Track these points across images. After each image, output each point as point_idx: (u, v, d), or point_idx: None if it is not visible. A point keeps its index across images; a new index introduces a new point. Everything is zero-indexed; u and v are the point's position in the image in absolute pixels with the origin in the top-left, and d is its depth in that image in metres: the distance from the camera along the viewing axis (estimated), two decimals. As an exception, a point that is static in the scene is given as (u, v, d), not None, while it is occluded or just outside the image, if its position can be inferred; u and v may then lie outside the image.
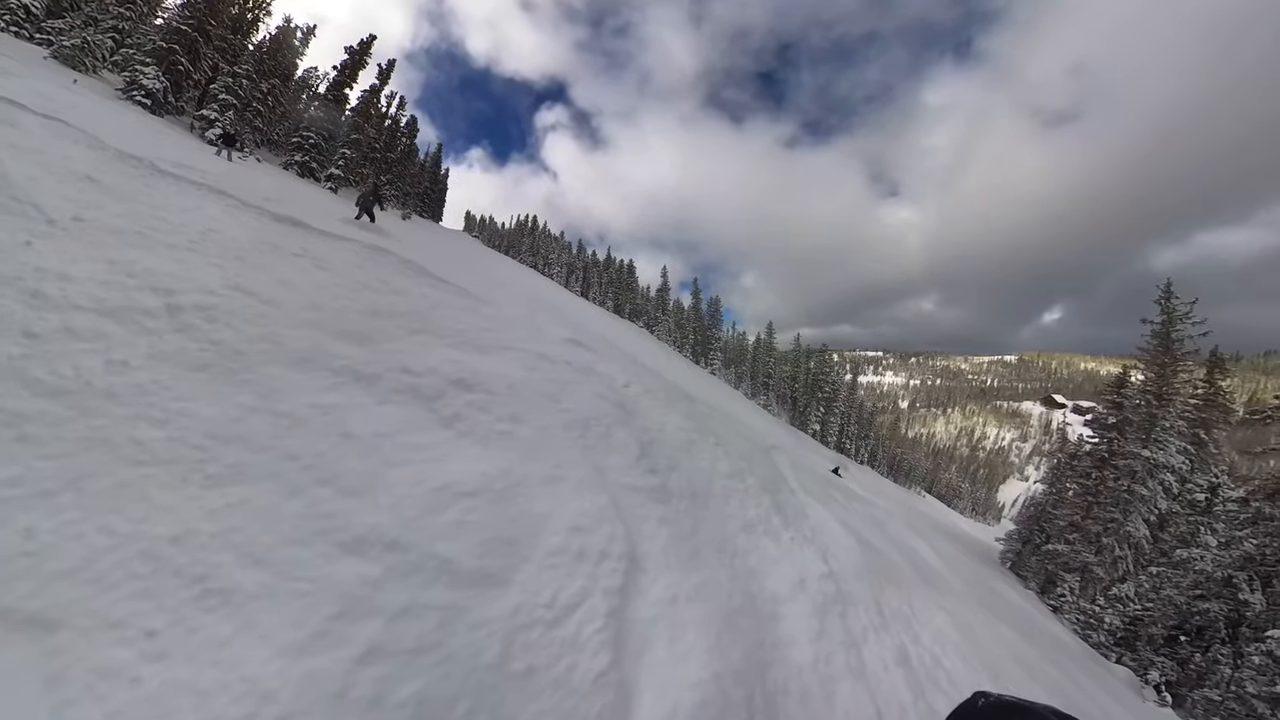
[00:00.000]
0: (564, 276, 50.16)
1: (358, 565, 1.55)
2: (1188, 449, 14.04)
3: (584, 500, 2.43)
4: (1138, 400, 14.62)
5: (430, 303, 4.61)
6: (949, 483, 74.82)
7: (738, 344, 49.57)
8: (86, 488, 1.43)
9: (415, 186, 36.30)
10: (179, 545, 1.37)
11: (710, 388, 27.36)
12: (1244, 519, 9.26)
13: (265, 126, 24.37)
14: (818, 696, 2.01)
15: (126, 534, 1.34)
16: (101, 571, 1.24)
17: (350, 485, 1.85)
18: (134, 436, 1.66)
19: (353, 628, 1.35)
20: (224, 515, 1.52)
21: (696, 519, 2.95)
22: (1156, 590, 10.70)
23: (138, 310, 2.33)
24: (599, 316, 32.13)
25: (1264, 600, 8.39)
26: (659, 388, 5.80)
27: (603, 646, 1.70)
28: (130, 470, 1.54)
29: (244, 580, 1.35)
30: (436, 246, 16.21)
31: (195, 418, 1.86)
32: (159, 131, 14.34)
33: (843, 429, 43.87)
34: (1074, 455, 17.52)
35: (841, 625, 2.66)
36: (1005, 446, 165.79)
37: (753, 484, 3.91)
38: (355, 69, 28.18)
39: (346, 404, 2.33)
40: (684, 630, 1.97)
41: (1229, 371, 16.86)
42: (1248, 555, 8.82)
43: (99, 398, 1.76)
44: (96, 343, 2.00)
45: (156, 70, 19.39)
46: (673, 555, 2.46)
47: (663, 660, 1.80)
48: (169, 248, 3.06)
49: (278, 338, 2.60)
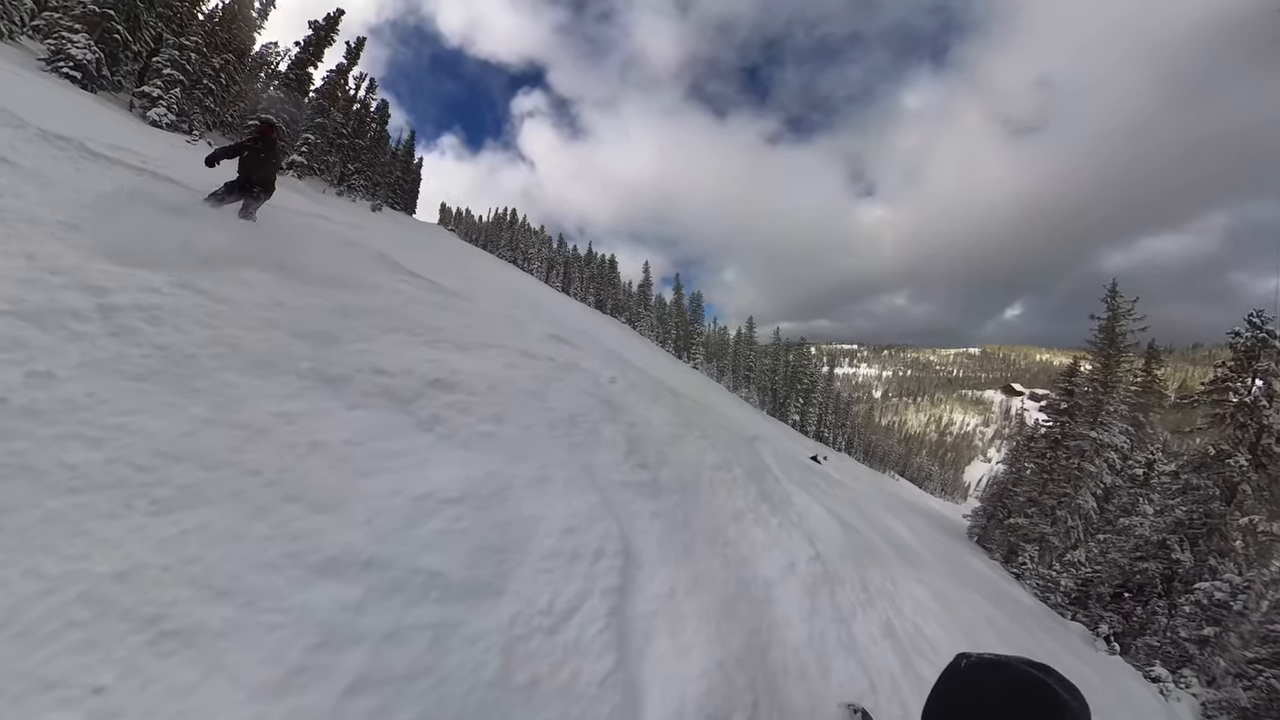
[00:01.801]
0: (544, 272, 49.22)
1: (335, 588, 1.43)
2: (1129, 430, 15.47)
3: (575, 500, 2.37)
4: (1086, 388, 16.00)
5: (404, 299, 4.37)
6: (920, 466, 78.96)
7: (719, 338, 50.20)
8: (6, 525, 1.25)
9: (386, 177, 34.03)
10: (126, 583, 1.21)
11: (693, 382, 27.62)
12: (1174, 489, 10.20)
13: (217, 107, 21.89)
14: (815, 672, 2.05)
15: (60, 575, 1.17)
16: (31, 623, 1.07)
17: (321, 500, 1.71)
18: (64, 460, 1.46)
19: (336, 658, 1.24)
20: (177, 544, 1.36)
21: (688, 511, 2.94)
22: (1104, 554, 11.67)
23: (65, 312, 2.06)
24: (581, 312, 31.77)
25: (1192, 558, 9.30)
26: (644, 383, 5.76)
27: (606, 648, 1.66)
28: (61, 500, 1.35)
29: (206, 617, 1.21)
30: (410, 240, 15.51)
31: (138, 434, 1.66)
32: (92, 109, 12.88)
33: (821, 419, 45.36)
34: (1031, 438, 18.80)
35: (831, 603, 2.74)
36: (970, 431, 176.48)
37: (739, 474, 3.94)
38: (320, 46, 25.62)
39: (313, 410, 2.15)
40: (685, 622, 1.96)
41: (1163, 362, 18.88)
42: (1178, 520, 9.72)
43: (18, 416, 1.54)
44: (14, 352, 1.75)
45: (88, 39, 16.81)
46: (667, 549, 2.44)
47: (667, 654, 1.78)
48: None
49: (233, 340, 2.37)
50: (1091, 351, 16.37)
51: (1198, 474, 9.79)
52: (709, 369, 43.23)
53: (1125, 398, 15.81)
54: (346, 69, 27.48)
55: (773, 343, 48.03)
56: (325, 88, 26.44)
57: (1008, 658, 0.73)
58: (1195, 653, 7.98)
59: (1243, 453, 9.21)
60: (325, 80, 26.48)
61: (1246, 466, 9.10)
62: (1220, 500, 9.31)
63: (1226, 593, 8.24)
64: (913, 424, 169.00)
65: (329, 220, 9.81)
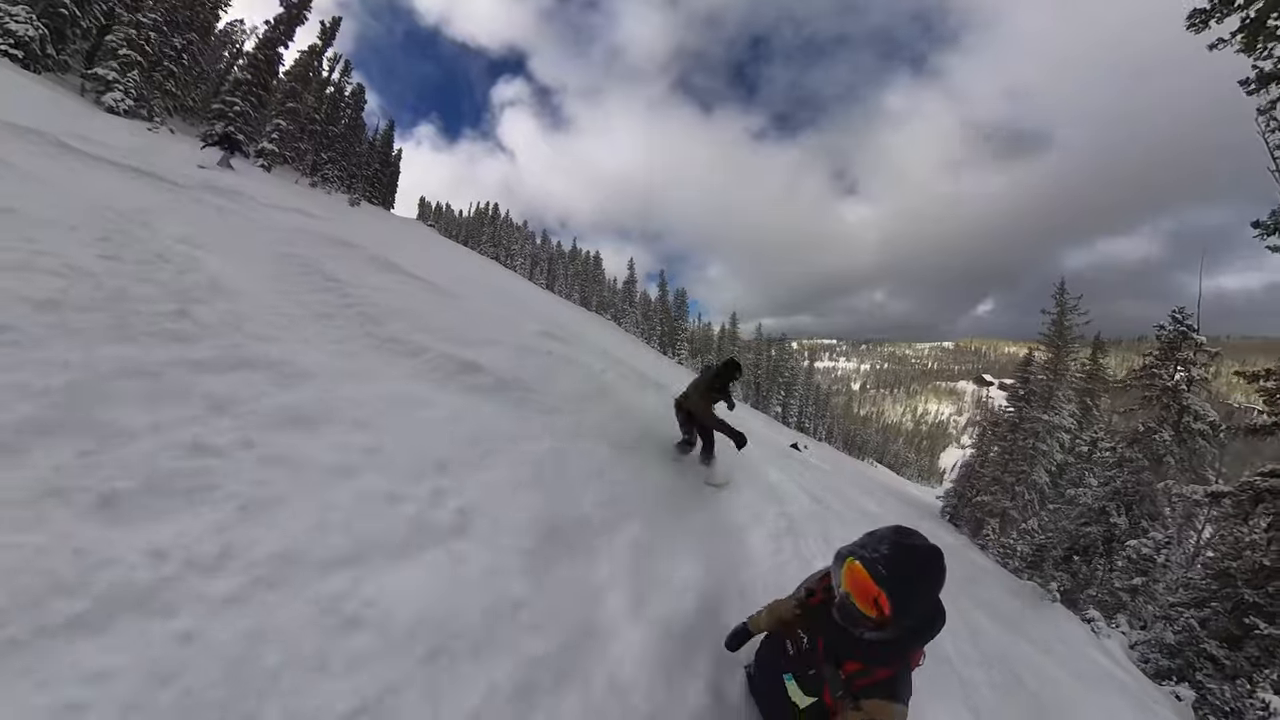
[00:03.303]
0: (528, 268, 48.99)
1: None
2: (1076, 413, 16.89)
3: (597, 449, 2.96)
4: (1040, 375, 17.43)
5: (402, 298, 4.75)
6: (897, 453, 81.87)
7: (703, 334, 51.05)
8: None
9: (364, 169, 31.83)
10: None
11: (678, 377, 28.18)
12: (1113, 462, 11.35)
13: (179, 91, 20.22)
14: (775, 586, 2.59)
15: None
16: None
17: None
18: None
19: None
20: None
21: (674, 474, 3.48)
22: (1055, 523, 12.80)
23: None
24: (567, 310, 31.93)
25: (1127, 521, 10.42)
26: (631, 375, 6.28)
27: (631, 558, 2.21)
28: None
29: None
30: (391, 237, 15.52)
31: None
32: (41, 94, 12.17)
33: (802, 410, 46.72)
34: (994, 423, 20.16)
35: (793, 547, 3.30)
36: (944, 420, 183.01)
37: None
38: (292, 25, 23.41)
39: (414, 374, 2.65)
40: (678, 545, 2.51)
41: (1108, 352, 20.79)
42: (1116, 490, 10.86)
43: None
44: None
45: (29, 11, 14.86)
46: (661, 502, 2.98)
47: (667, 566, 2.34)
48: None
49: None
50: (1044, 343, 17.85)
51: (1130, 448, 10.96)
52: (693, 364, 44.06)
53: (1073, 384, 17.30)
54: (320, 50, 25.44)
55: (755, 338, 49.27)
56: (297, 69, 24.25)
57: (881, 529, 1.23)
58: (1127, 600, 9.06)
59: (1167, 429, 10.39)
60: (297, 62, 24.33)
61: (1170, 441, 10.28)
62: (1149, 470, 10.46)
63: (1152, 548, 9.32)
64: (890, 414, 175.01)
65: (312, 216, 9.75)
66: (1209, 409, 10.03)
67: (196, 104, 22.22)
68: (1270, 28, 7.24)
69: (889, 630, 1.18)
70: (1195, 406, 10.13)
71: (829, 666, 1.26)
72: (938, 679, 2.91)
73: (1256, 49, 7.44)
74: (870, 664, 1.22)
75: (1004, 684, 3.47)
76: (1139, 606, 8.81)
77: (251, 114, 21.77)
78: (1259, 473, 7.37)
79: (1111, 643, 7.13)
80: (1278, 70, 7.28)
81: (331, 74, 28.93)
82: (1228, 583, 7.47)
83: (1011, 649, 4.39)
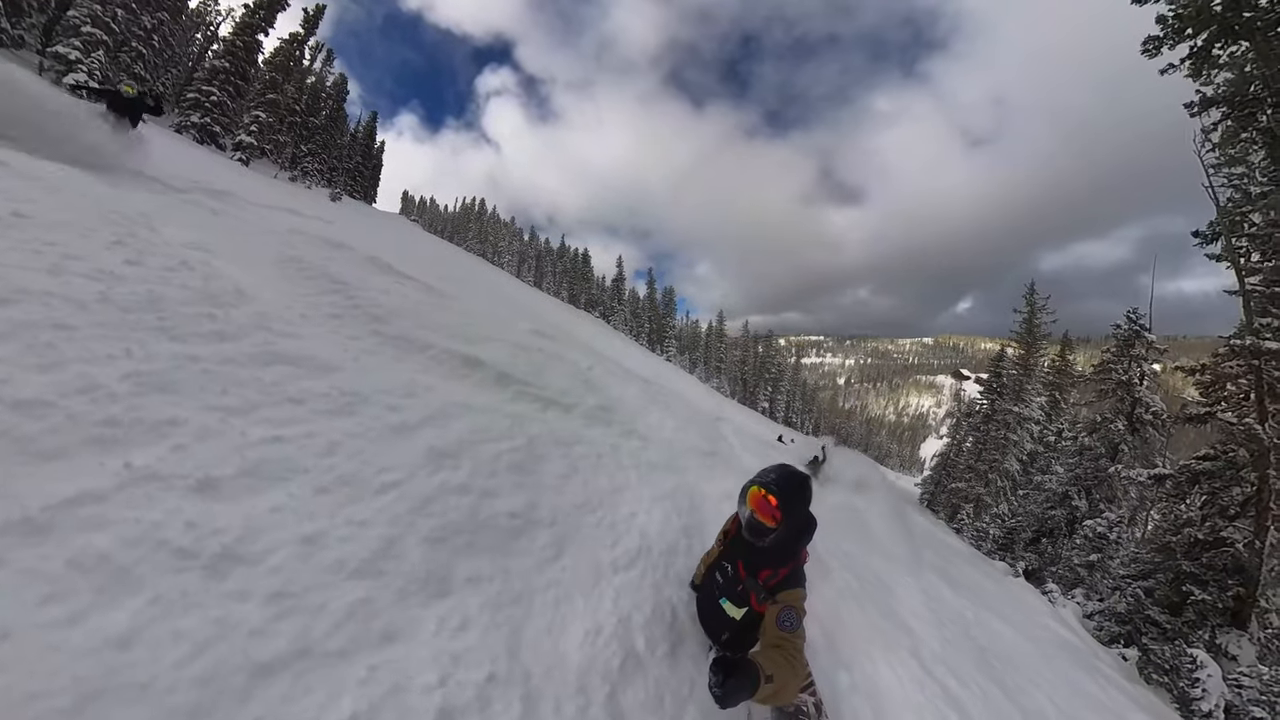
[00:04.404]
0: (515, 266, 48.76)
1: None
2: (1045, 405, 17.88)
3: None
4: (1012, 370, 18.48)
5: (403, 299, 5.00)
6: (880, 444, 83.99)
7: (691, 331, 51.55)
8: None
9: (346, 162, 31.11)
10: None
11: (664, 372, 28.61)
12: (1074, 450, 12.15)
13: (148, 74, 18.88)
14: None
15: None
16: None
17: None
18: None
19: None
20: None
21: (655, 452, 3.85)
22: (1024, 507, 13.59)
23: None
24: (556, 308, 31.99)
25: (1087, 504, 11.21)
26: (618, 370, 6.62)
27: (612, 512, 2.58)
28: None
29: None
30: (379, 235, 15.47)
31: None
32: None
33: (789, 405, 47.69)
34: (969, 414, 21.10)
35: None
36: (924, 413, 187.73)
37: (694, 435, 4.90)
38: (273, 10, 22.26)
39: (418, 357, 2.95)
40: (658, 504, 2.93)
41: (1076, 349, 22.17)
42: (1077, 475, 11.63)
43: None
44: None
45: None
46: (643, 472, 3.34)
47: (641, 508, 2.81)
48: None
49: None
50: (1016, 340, 18.90)
51: (1090, 436, 11.75)
52: (681, 361, 44.58)
53: (1042, 378, 18.35)
54: (303, 38, 24.40)
55: (742, 335, 50.02)
56: (278, 59, 23.29)
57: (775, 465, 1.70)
58: (1084, 575, 9.82)
59: (1121, 420, 11.19)
60: (277, 49, 23.34)
61: (1124, 430, 11.08)
62: (1106, 457, 11.24)
63: (1105, 527, 10.08)
64: (874, 408, 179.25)
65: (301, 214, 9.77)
66: (1158, 400, 10.84)
67: (168, 89, 21.07)
68: (1214, 56, 7.93)
69: (781, 531, 1.63)
70: (1146, 398, 10.92)
71: (750, 579, 1.71)
72: (888, 633, 3.33)
73: (1201, 75, 8.14)
74: (775, 567, 1.68)
75: (954, 639, 3.92)
76: (1095, 580, 9.54)
77: (229, 104, 20.92)
78: (1194, 456, 8.09)
79: (1066, 612, 7.77)
80: (1218, 95, 7.97)
81: (313, 63, 28.12)
82: (1169, 556, 8.18)
83: (966, 612, 4.87)
